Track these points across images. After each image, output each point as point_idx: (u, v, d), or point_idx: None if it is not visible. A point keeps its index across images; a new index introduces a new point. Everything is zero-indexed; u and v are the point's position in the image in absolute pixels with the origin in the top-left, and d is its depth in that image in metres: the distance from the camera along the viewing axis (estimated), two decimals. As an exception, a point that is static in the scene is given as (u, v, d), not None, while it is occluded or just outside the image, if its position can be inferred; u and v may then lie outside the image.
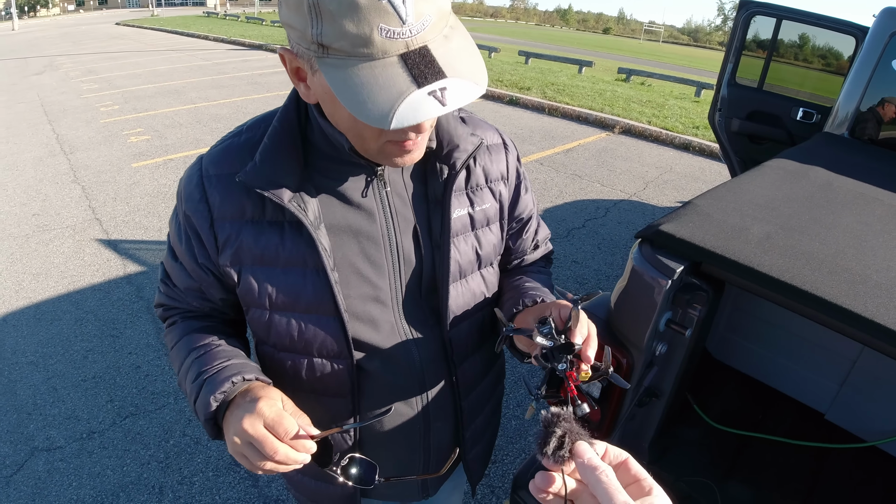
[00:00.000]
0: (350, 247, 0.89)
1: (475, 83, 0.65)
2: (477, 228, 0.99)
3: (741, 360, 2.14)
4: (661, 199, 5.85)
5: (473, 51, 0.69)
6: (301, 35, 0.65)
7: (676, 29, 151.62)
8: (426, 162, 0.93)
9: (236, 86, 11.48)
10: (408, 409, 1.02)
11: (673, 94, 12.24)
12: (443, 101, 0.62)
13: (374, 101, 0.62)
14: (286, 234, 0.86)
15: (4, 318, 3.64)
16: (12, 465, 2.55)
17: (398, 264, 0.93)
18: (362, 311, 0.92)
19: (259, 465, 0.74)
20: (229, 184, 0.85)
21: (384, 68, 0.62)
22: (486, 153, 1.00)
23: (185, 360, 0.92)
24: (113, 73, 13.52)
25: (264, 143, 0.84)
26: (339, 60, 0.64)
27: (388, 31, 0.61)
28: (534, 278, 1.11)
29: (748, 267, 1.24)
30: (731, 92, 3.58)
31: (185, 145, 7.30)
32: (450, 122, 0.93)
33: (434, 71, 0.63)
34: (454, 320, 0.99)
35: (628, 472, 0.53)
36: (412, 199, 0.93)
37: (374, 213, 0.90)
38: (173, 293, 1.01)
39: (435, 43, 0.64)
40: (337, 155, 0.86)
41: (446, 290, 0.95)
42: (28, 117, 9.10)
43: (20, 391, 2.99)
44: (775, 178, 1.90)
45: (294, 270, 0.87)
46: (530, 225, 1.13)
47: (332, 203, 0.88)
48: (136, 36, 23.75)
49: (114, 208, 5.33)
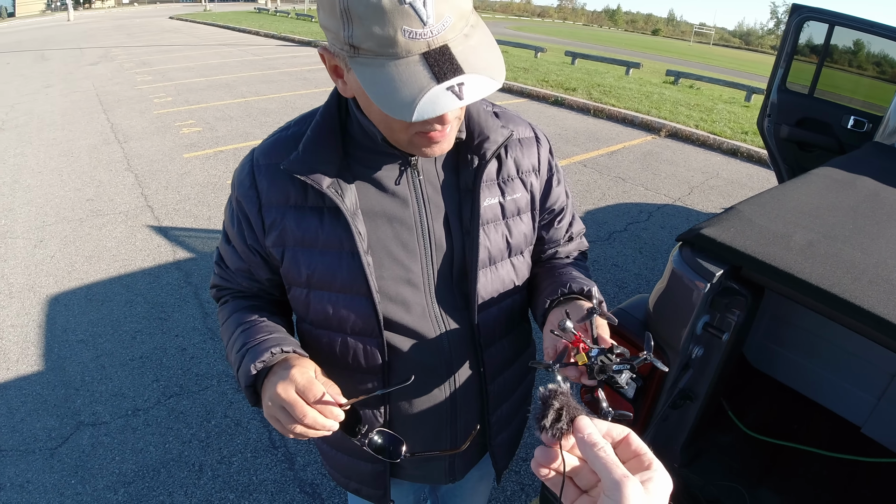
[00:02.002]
0: (384, 231, 0.95)
1: (491, 78, 0.70)
2: (507, 217, 1.03)
3: (778, 369, 2.09)
4: (705, 204, 5.73)
5: (492, 47, 0.74)
6: (335, 36, 0.72)
7: (728, 31, 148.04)
8: (458, 152, 0.98)
9: (285, 81, 11.70)
10: (436, 390, 1.06)
11: (722, 98, 11.97)
12: (460, 95, 0.68)
13: (398, 95, 0.68)
14: (325, 218, 0.92)
15: (57, 298, 3.82)
16: (58, 437, 2.68)
17: (430, 249, 0.98)
18: (395, 292, 0.97)
19: (290, 429, 0.81)
20: (276, 172, 0.93)
21: (407, 66, 0.68)
22: (517, 145, 1.04)
23: (233, 334, 0.99)
24: (166, 65, 13.93)
25: (307, 135, 0.91)
26: (368, 59, 0.70)
27: (410, 33, 0.66)
28: (573, 267, 1.13)
29: (788, 273, 1.23)
30: (781, 98, 3.49)
31: (235, 138, 7.49)
32: (481, 115, 0.97)
33: (453, 68, 0.68)
34: (483, 305, 1.02)
35: (629, 447, 0.53)
36: (444, 188, 0.98)
37: (407, 200, 0.96)
38: (226, 274, 1.09)
39: (455, 41, 0.69)
40: (373, 146, 0.92)
41: (475, 276, 0.99)
42: (83, 106, 9.47)
43: (69, 368, 3.13)
44: (821, 186, 1.86)
45: (331, 252, 0.93)
46: (563, 216, 1.16)
47: (368, 190, 0.94)
48: (188, 30, 24.41)
49: (165, 196, 5.51)
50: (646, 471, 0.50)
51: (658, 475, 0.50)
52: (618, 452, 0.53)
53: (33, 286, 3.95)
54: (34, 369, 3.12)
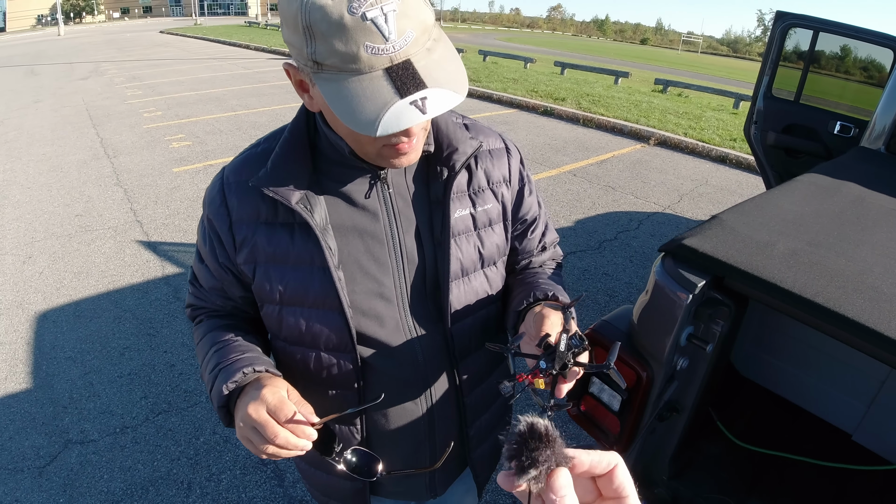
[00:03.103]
0: (355, 245, 0.95)
1: (454, 91, 0.71)
2: (479, 228, 1.03)
3: (767, 377, 2.09)
4: (696, 212, 5.77)
5: (455, 61, 0.75)
6: (299, 52, 0.72)
7: (715, 40, 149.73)
8: (428, 165, 0.98)
9: (275, 94, 11.71)
10: (412, 405, 1.05)
11: (710, 105, 12.07)
12: (423, 109, 0.69)
13: (362, 110, 0.69)
14: (296, 234, 0.92)
15: (45, 315, 3.78)
16: (46, 455, 2.64)
17: (402, 262, 0.98)
18: (368, 307, 0.97)
19: (262, 449, 0.80)
20: (246, 189, 0.92)
21: (371, 81, 0.69)
22: (487, 157, 1.04)
23: (207, 354, 0.98)
24: (157, 79, 13.92)
25: (275, 152, 0.91)
26: (331, 75, 0.70)
27: (373, 48, 0.67)
28: (542, 274, 1.13)
29: (770, 283, 1.22)
30: (768, 105, 3.52)
31: (225, 152, 7.48)
32: (449, 126, 0.98)
33: (415, 82, 0.69)
34: (456, 317, 1.02)
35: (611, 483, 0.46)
36: (414, 200, 0.98)
37: (377, 214, 0.95)
38: (200, 293, 1.09)
39: (418, 56, 0.70)
40: (342, 160, 0.92)
41: (447, 287, 0.99)
42: (73, 121, 9.45)
43: (57, 385, 3.10)
44: (806, 192, 1.86)
45: (302, 268, 0.93)
46: (536, 226, 1.15)
47: (338, 204, 0.94)
48: (179, 44, 24.43)
49: (154, 211, 5.49)
50: None
51: None
52: (599, 484, 0.47)
53: (21, 302, 3.92)
54: (22, 387, 3.08)
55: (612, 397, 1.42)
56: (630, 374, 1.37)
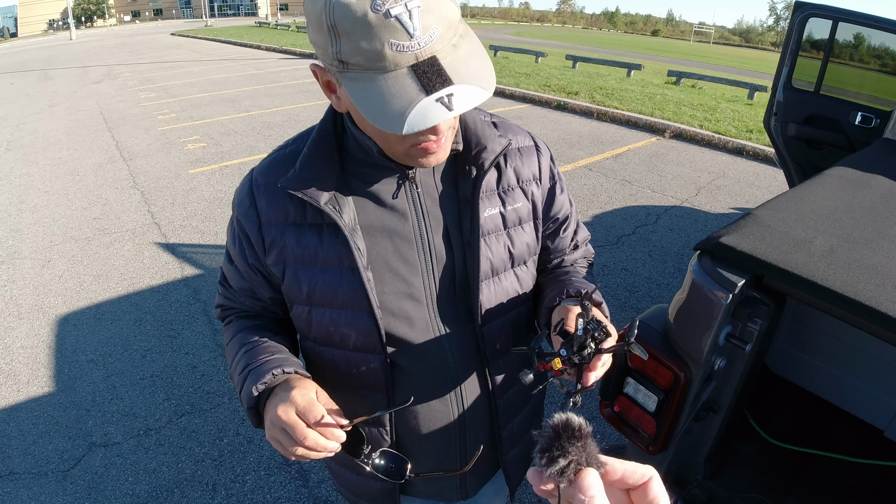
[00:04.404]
0: (384, 246, 0.94)
1: (481, 87, 0.70)
2: (509, 228, 1.01)
3: (801, 375, 2.06)
4: (713, 205, 5.70)
5: (481, 57, 0.74)
6: (325, 52, 0.72)
7: (727, 30, 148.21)
8: (456, 163, 0.97)
9: (288, 94, 11.75)
10: (442, 406, 1.04)
11: (725, 96, 11.94)
12: (450, 106, 0.68)
13: (388, 109, 0.68)
14: (324, 235, 0.91)
15: (66, 318, 3.81)
16: (70, 459, 2.66)
17: (431, 262, 0.97)
18: (397, 307, 0.96)
19: (291, 451, 0.81)
20: (275, 190, 0.92)
21: (396, 79, 0.68)
22: (517, 155, 1.03)
23: (237, 355, 0.98)
24: (170, 82, 14.01)
25: (304, 153, 0.91)
26: (357, 74, 0.70)
27: (397, 46, 0.66)
28: (577, 274, 1.12)
29: (812, 282, 1.20)
30: (787, 96, 3.46)
31: (240, 152, 7.50)
32: (478, 125, 0.96)
33: (442, 79, 0.68)
34: (487, 317, 1.01)
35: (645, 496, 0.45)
36: (443, 200, 0.97)
37: (406, 214, 0.95)
38: (229, 294, 1.09)
39: (443, 52, 0.70)
40: (370, 160, 0.92)
41: (477, 288, 0.98)
42: (88, 125, 9.52)
43: (80, 388, 3.12)
44: (836, 187, 1.83)
45: (331, 269, 0.93)
46: (568, 224, 1.14)
47: (366, 205, 0.93)
48: (191, 46, 24.58)
49: (172, 213, 5.52)
50: None
51: None
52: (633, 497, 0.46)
53: (42, 307, 3.95)
54: (45, 391, 3.11)
55: (648, 398, 1.39)
56: (667, 375, 1.34)
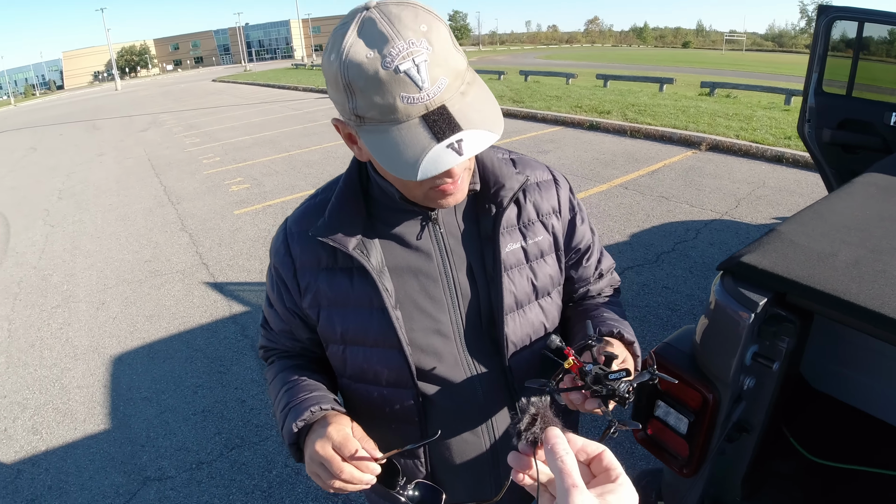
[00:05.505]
0: (411, 285, 0.98)
1: (489, 131, 0.74)
2: (531, 261, 1.04)
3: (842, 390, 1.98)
4: (755, 216, 5.57)
5: (489, 101, 0.78)
6: (343, 108, 0.77)
7: (759, 36, 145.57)
8: (476, 202, 1.01)
9: (325, 132, 12.04)
10: (473, 437, 1.07)
11: (761, 104, 11.72)
12: (460, 151, 0.72)
13: (403, 158, 0.73)
14: (354, 278, 0.96)
15: (120, 357, 3.97)
16: (125, 493, 2.75)
17: (456, 298, 1.00)
18: (426, 343, 1.00)
19: (329, 484, 0.85)
20: (307, 238, 0.98)
21: (409, 129, 0.73)
22: (535, 189, 1.06)
23: (278, 394, 1.04)
24: (213, 126, 14.55)
25: (331, 202, 0.97)
26: (373, 126, 0.75)
27: (408, 98, 0.71)
28: (606, 307, 1.14)
29: (833, 296, 1.16)
30: (819, 101, 3.39)
31: (282, 191, 7.74)
32: (495, 163, 1.00)
33: (451, 126, 0.72)
34: (513, 350, 1.03)
35: (601, 463, 0.55)
36: (465, 238, 1.01)
37: (430, 253, 0.99)
38: (271, 336, 1.15)
39: (452, 100, 0.73)
40: (393, 204, 0.97)
41: (502, 321, 1.00)
42: (137, 171, 9.97)
43: (134, 425, 3.24)
44: (865, 195, 1.77)
45: (362, 309, 0.97)
46: (590, 254, 1.16)
47: (392, 247, 0.98)
48: (231, 91, 25.49)
49: (219, 253, 5.71)
50: (610, 484, 0.52)
51: (622, 489, 0.51)
52: (591, 468, 0.55)
53: (97, 347, 4.13)
54: (101, 428, 3.23)
55: (679, 420, 1.38)
56: (696, 397, 1.33)
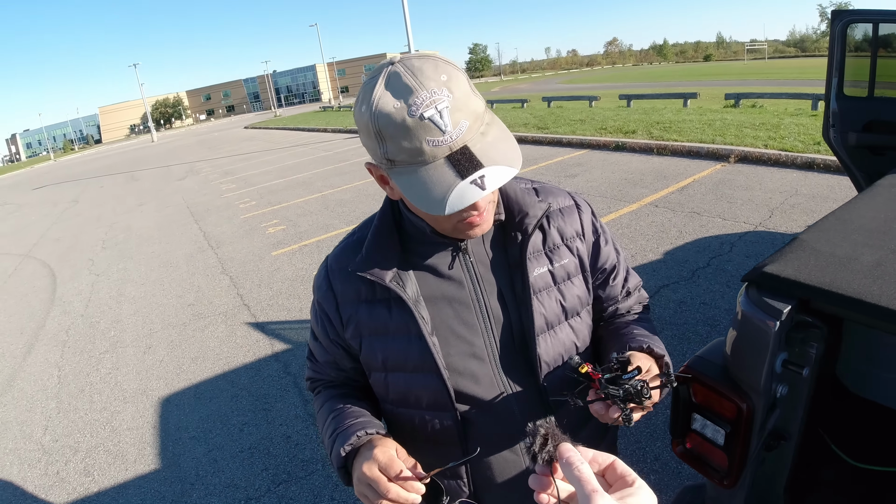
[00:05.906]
0: (446, 312, 1.06)
1: (509, 166, 0.82)
2: (559, 283, 1.11)
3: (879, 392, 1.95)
4: (790, 225, 5.49)
5: (507, 140, 0.86)
6: (374, 153, 0.86)
7: (781, 42, 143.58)
8: (503, 231, 1.08)
9: (356, 171, 12.32)
10: (513, 456, 1.12)
11: (787, 111, 11.60)
12: (483, 185, 0.80)
13: (431, 195, 0.81)
14: (392, 308, 1.04)
15: (168, 399, 4.10)
16: (181, 531, 2.82)
17: (489, 322, 1.07)
18: (463, 367, 1.06)
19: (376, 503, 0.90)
20: (347, 274, 1.08)
21: (435, 169, 0.81)
22: (558, 215, 1.13)
23: (326, 421, 1.11)
24: (247, 172, 14.99)
25: (368, 239, 1.06)
26: (403, 168, 0.84)
27: (433, 142, 0.79)
28: (636, 324, 1.19)
29: (854, 299, 1.18)
30: (842, 105, 3.36)
31: (317, 231, 7.93)
32: (518, 194, 1.08)
33: (473, 164, 0.80)
34: (547, 369, 1.09)
35: (615, 471, 0.58)
36: (494, 265, 1.08)
37: (462, 281, 1.06)
38: (316, 367, 1.24)
39: (473, 141, 0.82)
40: (425, 238, 1.05)
41: (534, 342, 1.06)
42: (176, 219, 10.34)
43: (184, 463, 3.33)
44: (887, 197, 1.77)
45: (401, 337, 1.05)
46: (616, 273, 1.22)
47: (426, 277, 1.06)
48: (263, 136, 26.24)
49: (259, 294, 5.87)
50: (628, 488, 0.55)
51: (641, 492, 0.54)
52: (605, 476, 0.58)
53: (145, 390, 4.26)
54: (151, 468, 3.33)
55: (716, 432, 1.39)
56: (730, 407, 1.34)
